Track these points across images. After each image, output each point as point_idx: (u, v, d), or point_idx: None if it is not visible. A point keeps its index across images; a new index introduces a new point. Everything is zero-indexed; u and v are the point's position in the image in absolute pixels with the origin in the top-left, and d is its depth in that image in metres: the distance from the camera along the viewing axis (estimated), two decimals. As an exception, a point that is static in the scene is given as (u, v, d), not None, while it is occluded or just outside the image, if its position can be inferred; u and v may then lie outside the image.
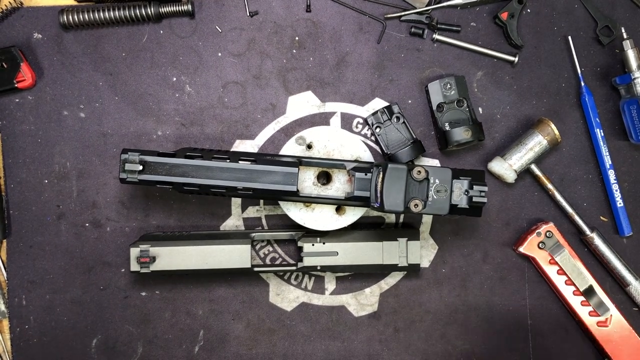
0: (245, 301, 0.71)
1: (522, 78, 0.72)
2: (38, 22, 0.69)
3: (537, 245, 0.69)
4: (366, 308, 0.71)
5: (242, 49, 0.70)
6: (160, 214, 0.70)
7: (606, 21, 0.71)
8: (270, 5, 0.70)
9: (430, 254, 0.72)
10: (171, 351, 0.70)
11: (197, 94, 0.70)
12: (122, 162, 0.59)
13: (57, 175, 0.69)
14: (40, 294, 0.70)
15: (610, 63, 0.72)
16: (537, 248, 0.69)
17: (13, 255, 0.69)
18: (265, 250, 0.71)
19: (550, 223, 0.70)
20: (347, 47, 0.71)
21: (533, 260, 0.70)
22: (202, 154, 0.60)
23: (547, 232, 0.69)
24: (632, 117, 0.69)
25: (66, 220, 0.70)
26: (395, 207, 0.56)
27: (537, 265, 0.70)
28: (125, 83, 0.70)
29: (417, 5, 0.70)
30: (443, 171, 0.57)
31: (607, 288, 0.72)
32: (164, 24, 0.70)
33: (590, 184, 0.72)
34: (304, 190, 0.62)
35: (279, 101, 0.70)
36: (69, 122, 0.69)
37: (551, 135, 0.68)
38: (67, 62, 0.69)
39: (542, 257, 0.69)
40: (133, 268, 0.64)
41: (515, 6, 0.70)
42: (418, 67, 0.71)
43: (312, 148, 0.65)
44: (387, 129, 0.69)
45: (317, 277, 0.71)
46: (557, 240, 0.69)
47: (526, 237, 0.69)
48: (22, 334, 0.70)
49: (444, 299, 0.72)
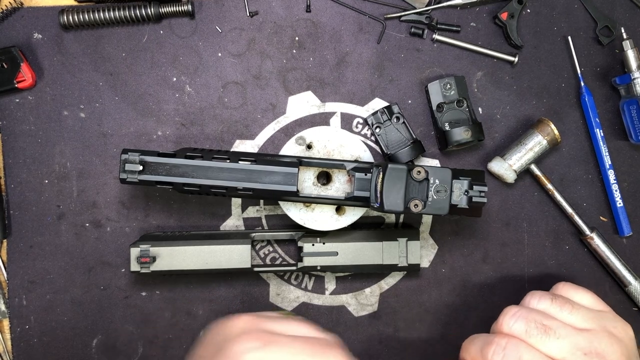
0: (245, 301, 0.71)
1: (522, 78, 0.72)
2: (38, 22, 0.69)
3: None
4: (366, 308, 0.71)
5: (242, 49, 0.70)
6: (160, 214, 0.70)
7: (606, 21, 0.71)
8: (270, 6, 0.70)
9: (430, 254, 0.72)
10: (171, 351, 0.70)
11: (197, 94, 0.70)
12: (122, 162, 0.59)
13: (57, 175, 0.69)
14: (41, 294, 0.70)
15: (610, 63, 0.72)
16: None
17: (13, 255, 0.69)
18: (265, 250, 0.71)
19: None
20: (347, 47, 0.71)
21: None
22: (202, 154, 0.60)
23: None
24: (632, 117, 0.69)
25: (66, 220, 0.70)
26: (395, 207, 0.56)
27: None
28: (125, 83, 0.70)
29: (417, 5, 0.70)
30: (443, 171, 0.57)
31: (607, 288, 0.72)
32: (164, 24, 0.70)
33: (590, 184, 0.72)
34: (304, 190, 0.62)
35: (279, 101, 0.70)
36: (69, 122, 0.69)
37: (551, 136, 0.68)
38: (67, 62, 0.69)
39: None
40: (133, 268, 0.64)
41: (515, 6, 0.70)
42: (418, 67, 0.71)
43: (312, 148, 0.65)
44: (387, 129, 0.69)
45: (317, 277, 0.71)
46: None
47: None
48: (23, 334, 0.70)
49: (444, 299, 0.72)
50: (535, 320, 0.53)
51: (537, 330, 0.52)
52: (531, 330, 0.52)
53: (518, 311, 0.54)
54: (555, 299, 0.55)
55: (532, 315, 0.53)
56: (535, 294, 0.57)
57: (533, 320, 0.53)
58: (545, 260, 0.72)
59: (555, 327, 0.52)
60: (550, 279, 0.72)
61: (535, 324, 0.52)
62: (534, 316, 0.53)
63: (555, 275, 0.72)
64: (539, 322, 0.53)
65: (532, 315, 0.53)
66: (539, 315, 0.54)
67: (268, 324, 0.50)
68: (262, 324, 0.50)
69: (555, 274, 0.72)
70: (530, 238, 0.72)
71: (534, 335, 0.52)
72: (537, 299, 0.56)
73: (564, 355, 0.51)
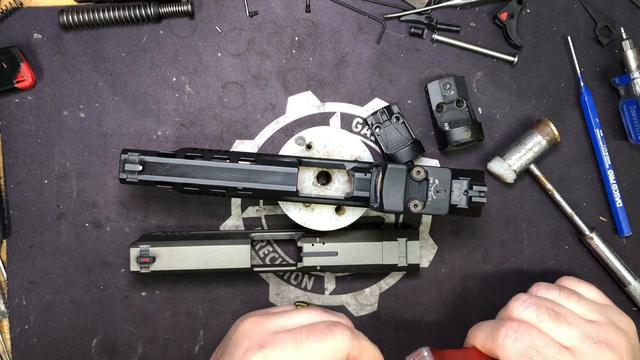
0: (245, 301, 0.71)
1: (522, 78, 0.72)
2: (38, 22, 0.69)
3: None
4: (366, 308, 0.71)
5: (241, 49, 0.70)
6: (160, 214, 0.70)
7: (605, 21, 0.71)
8: (270, 6, 0.70)
9: (430, 254, 0.72)
10: (171, 351, 0.70)
11: (197, 94, 0.70)
12: (122, 162, 0.59)
13: (57, 175, 0.69)
14: (40, 294, 0.70)
15: (610, 63, 0.72)
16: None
17: (13, 255, 0.69)
18: (265, 250, 0.71)
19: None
20: (347, 47, 0.71)
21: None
22: (202, 154, 0.60)
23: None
24: (632, 117, 0.69)
25: (66, 220, 0.70)
26: (394, 207, 0.56)
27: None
28: (125, 83, 0.70)
29: (417, 5, 0.70)
30: (442, 171, 0.57)
31: (606, 288, 0.72)
32: (164, 24, 0.70)
33: (590, 184, 0.72)
34: (304, 190, 0.62)
35: (279, 101, 0.70)
36: (69, 122, 0.69)
37: (550, 136, 0.68)
38: (67, 62, 0.69)
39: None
40: (133, 268, 0.64)
41: (515, 6, 0.70)
42: (417, 67, 0.71)
43: (312, 148, 0.65)
44: (387, 129, 0.69)
45: (316, 277, 0.71)
46: None
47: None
48: (22, 334, 0.70)
49: (444, 299, 0.72)
50: (547, 306, 0.53)
51: (549, 316, 0.52)
52: (542, 316, 0.52)
53: (529, 298, 0.54)
54: (562, 290, 0.55)
55: (543, 302, 0.53)
56: (542, 285, 0.57)
57: (544, 306, 0.53)
58: (545, 260, 0.72)
59: (565, 314, 0.52)
60: (550, 279, 0.71)
61: (547, 310, 0.52)
62: (545, 303, 0.53)
63: (555, 275, 0.72)
64: (550, 309, 0.52)
65: (543, 302, 0.53)
66: (549, 302, 0.54)
67: (272, 321, 0.50)
68: (266, 323, 0.50)
69: (555, 274, 0.72)
70: (530, 238, 0.72)
71: (545, 320, 0.52)
72: (545, 289, 0.56)
73: (574, 343, 0.51)
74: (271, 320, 0.50)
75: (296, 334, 0.48)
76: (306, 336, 0.47)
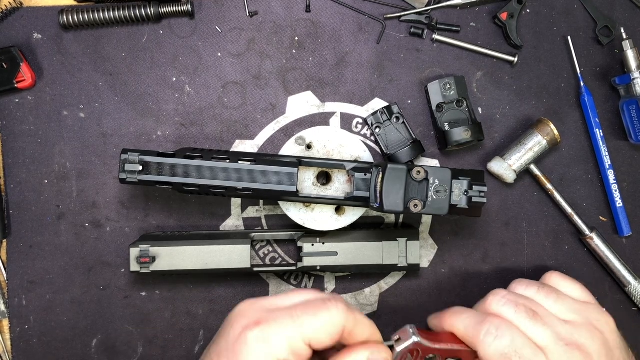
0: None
1: (522, 78, 0.72)
2: (38, 22, 0.69)
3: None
4: (366, 308, 0.71)
5: (241, 49, 0.70)
6: (160, 214, 0.70)
7: (606, 21, 0.71)
8: (270, 6, 0.70)
9: (430, 254, 0.72)
10: (171, 351, 0.70)
11: (197, 94, 0.70)
12: (122, 162, 0.59)
13: (57, 175, 0.69)
14: (40, 294, 0.70)
15: (610, 63, 0.72)
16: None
17: (13, 255, 0.69)
18: (265, 250, 0.71)
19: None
20: (347, 47, 0.71)
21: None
22: (202, 154, 0.60)
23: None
24: (632, 117, 0.69)
25: (66, 221, 0.70)
26: (394, 208, 0.56)
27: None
28: (125, 83, 0.70)
29: (417, 6, 0.70)
30: (442, 171, 0.57)
31: (606, 288, 0.72)
32: (164, 24, 0.70)
33: (590, 184, 0.72)
34: (304, 190, 0.62)
35: (279, 101, 0.70)
36: (69, 122, 0.69)
37: (551, 136, 0.68)
38: (67, 62, 0.69)
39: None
40: (133, 268, 0.64)
41: (515, 6, 0.70)
42: (418, 67, 0.71)
43: (312, 148, 0.65)
44: (387, 129, 0.69)
45: (316, 277, 0.71)
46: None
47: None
48: (22, 334, 0.70)
49: (444, 299, 0.72)
50: (525, 305, 0.53)
51: (526, 314, 0.52)
52: (520, 313, 0.53)
53: (508, 294, 0.54)
54: (541, 288, 0.56)
55: (521, 300, 0.54)
56: (522, 282, 0.57)
57: (522, 304, 0.53)
58: (544, 260, 0.72)
59: (542, 314, 0.53)
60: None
61: (525, 309, 0.53)
62: (522, 301, 0.54)
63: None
64: (528, 307, 0.53)
65: (521, 300, 0.54)
66: (527, 300, 0.54)
67: (268, 301, 0.50)
68: (262, 302, 0.50)
69: (554, 274, 0.72)
70: (530, 238, 0.72)
71: (522, 319, 0.52)
72: (524, 287, 0.57)
73: (547, 344, 0.52)
74: (267, 300, 0.50)
75: (292, 310, 0.48)
76: (302, 311, 0.47)
